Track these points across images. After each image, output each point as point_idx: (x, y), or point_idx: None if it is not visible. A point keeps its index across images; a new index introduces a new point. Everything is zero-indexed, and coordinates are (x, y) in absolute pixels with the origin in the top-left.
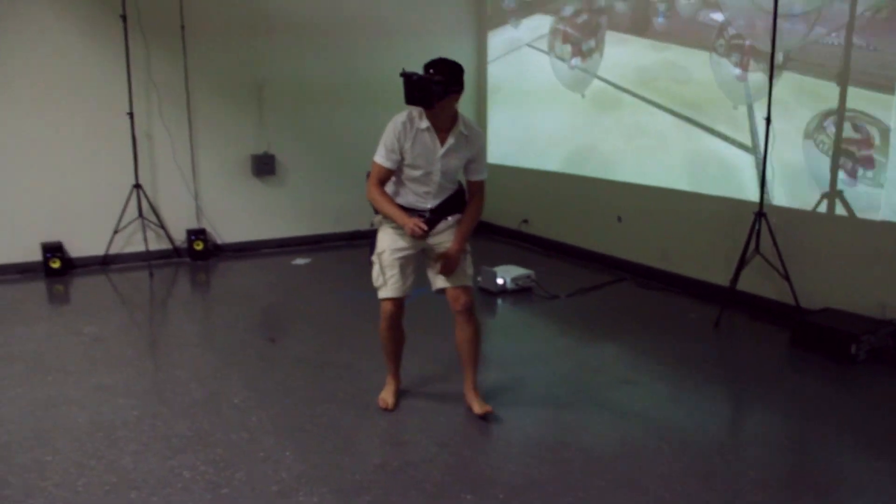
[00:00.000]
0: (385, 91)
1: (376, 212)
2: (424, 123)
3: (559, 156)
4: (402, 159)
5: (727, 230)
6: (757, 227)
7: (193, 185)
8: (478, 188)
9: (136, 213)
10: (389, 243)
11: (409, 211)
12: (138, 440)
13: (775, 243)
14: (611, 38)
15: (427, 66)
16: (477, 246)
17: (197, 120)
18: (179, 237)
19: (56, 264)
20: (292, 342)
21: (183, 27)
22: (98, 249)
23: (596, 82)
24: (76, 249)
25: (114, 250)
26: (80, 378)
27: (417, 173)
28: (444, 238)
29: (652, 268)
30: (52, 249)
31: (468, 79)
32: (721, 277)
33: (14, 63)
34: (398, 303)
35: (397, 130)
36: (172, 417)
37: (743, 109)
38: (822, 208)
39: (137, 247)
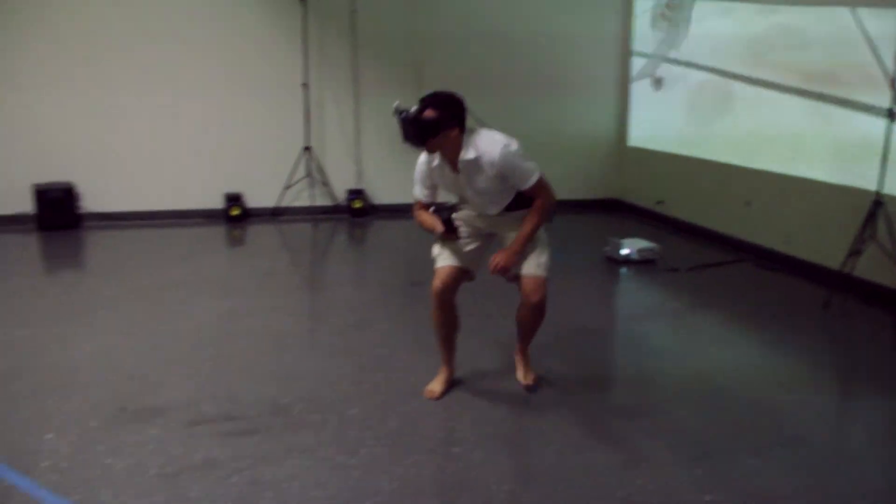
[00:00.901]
0: (536, 69)
1: None
2: (436, 160)
3: (694, 140)
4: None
5: (851, 218)
6: (874, 214)
7: (356, 150)
8: (533, 194)
9: (304, 172)
10: (462, 222)
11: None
12: (299, 346)
13: (891, 232)
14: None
15: (421, 101)
16: (611, 222)
17: (361, 92)
18: (341, 196)
19: (236, 212)
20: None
21: (354, 11)
22: (270, 202)
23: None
24: (252, 201)
25: (284, 203)
26: (255, 299)
27: (456, 199)
28: (512, 225)
29: (775, 251)
30: (233, 199)
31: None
32: (846, 264)
33: (208, 41)
34: (452, 272)
35: (422, 171)
36: (328, 333)
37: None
38: None
39: (304, 202)
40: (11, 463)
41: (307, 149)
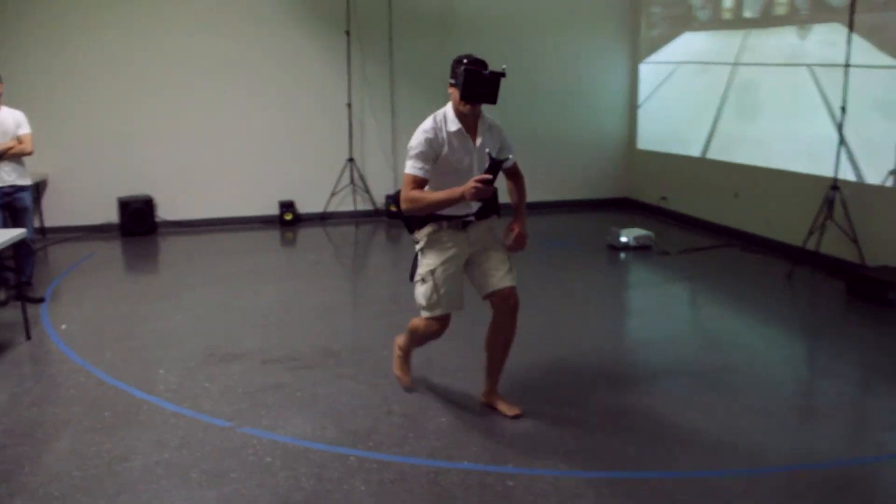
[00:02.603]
0: (554, 82)
1: (411, 231)
2: (454, 126)
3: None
4: (437, 166)
5: (816, 202)
6: (831, 197)
7: (392, 160)
8: (515, 167)
9: (348, 181)
10: (437, 258)
11: (449, 219)
12: (347, 315)
13: (847, 212)
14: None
15: (479, 62)
16: (620, 217)
17: (397, 109)
18: (380, 201)
19: (289, 217)
20: None
21: (391, 39)
22: (318, 207)
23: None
24: (303, 207)
25: (330, 208)
26: (308, 283)
27: (455, 176)
28: (483, 242)
29: (758, 235)
30: (287, 206)
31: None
32: (811, 242)
33: (265, 70)
34: (448, 320)
35: (430, 140)
36: (366, 305)
37: None
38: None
39: (348, 207)
40: (138, 387)
41: (350, 160)
